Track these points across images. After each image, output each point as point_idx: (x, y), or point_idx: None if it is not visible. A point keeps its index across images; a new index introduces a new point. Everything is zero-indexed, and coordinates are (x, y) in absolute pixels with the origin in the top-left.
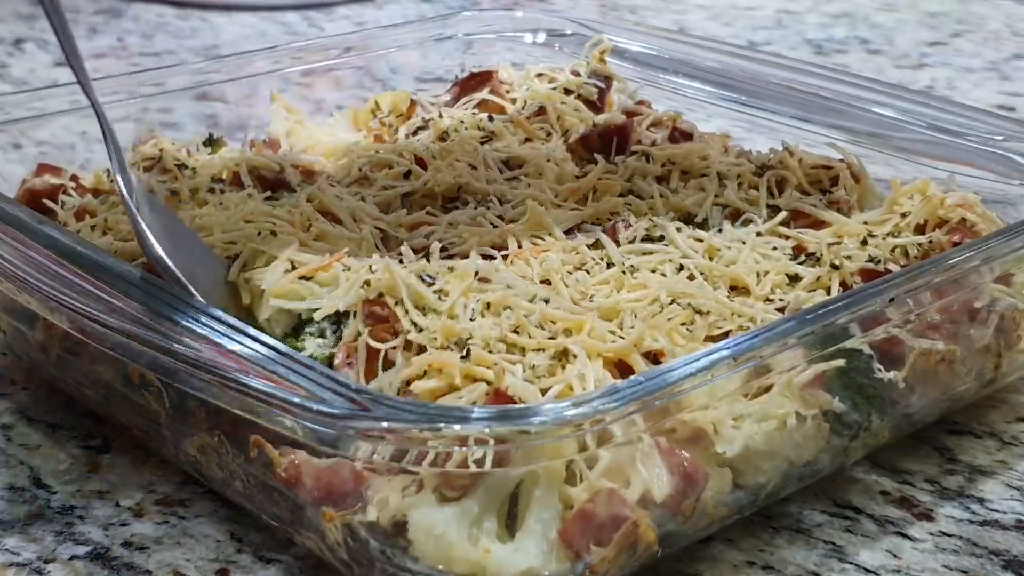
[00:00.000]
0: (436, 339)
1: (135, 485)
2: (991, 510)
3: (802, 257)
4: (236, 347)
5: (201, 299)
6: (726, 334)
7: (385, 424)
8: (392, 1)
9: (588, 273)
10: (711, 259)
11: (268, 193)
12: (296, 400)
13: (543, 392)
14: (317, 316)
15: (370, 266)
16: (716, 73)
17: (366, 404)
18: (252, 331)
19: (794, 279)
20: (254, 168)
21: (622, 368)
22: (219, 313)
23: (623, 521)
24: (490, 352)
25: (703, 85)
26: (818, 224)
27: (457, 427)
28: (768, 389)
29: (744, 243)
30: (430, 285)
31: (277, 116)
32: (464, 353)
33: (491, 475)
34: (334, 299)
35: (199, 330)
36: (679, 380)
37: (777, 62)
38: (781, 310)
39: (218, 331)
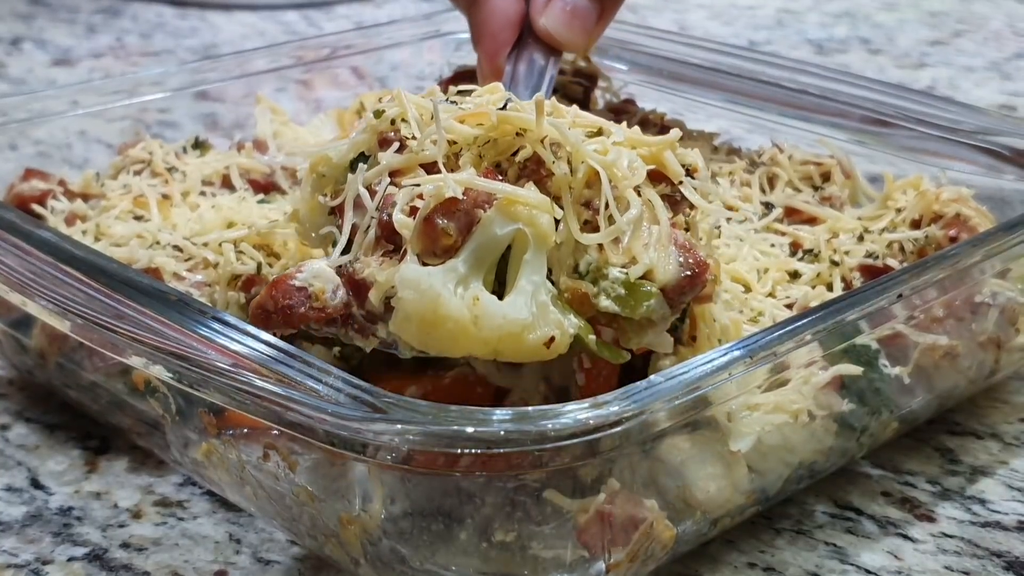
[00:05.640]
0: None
1: (133, 486)
2: (992, 511)
3: (799, 253)
4: (247, 351)
5: None
6: None
7: (400, 427)
8: (391, 0)
9: None
10: None
11: (261, 196)
12: (311, 403)
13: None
14: (337, 159)
15: (380, 98)
16: (714, 73)
17: (382, 406)
18: (264, 335)
19: (794, 276)
20: (245, 171)
21: (655, 176)
22: (229, 317)
23: (641, 522)
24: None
25: (703, 87)
26: (812, 220)
27: (475, 430)
28: (784, 384)
29: (742, 240)
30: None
31: (263, 118)
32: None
33: (479, 237)
34: (349, 141)
35: (214, 337)
36: (696, 380)
37: (775, 62)
38: (787, 307)
39: (230, 336)
